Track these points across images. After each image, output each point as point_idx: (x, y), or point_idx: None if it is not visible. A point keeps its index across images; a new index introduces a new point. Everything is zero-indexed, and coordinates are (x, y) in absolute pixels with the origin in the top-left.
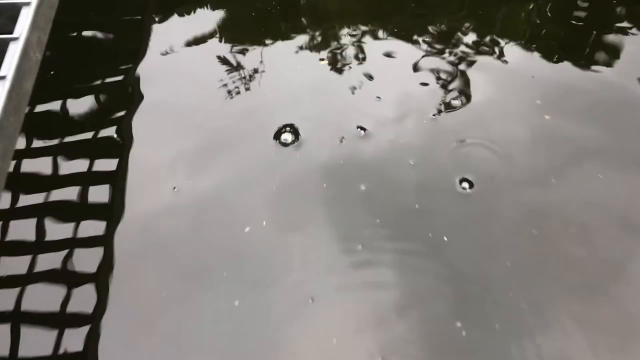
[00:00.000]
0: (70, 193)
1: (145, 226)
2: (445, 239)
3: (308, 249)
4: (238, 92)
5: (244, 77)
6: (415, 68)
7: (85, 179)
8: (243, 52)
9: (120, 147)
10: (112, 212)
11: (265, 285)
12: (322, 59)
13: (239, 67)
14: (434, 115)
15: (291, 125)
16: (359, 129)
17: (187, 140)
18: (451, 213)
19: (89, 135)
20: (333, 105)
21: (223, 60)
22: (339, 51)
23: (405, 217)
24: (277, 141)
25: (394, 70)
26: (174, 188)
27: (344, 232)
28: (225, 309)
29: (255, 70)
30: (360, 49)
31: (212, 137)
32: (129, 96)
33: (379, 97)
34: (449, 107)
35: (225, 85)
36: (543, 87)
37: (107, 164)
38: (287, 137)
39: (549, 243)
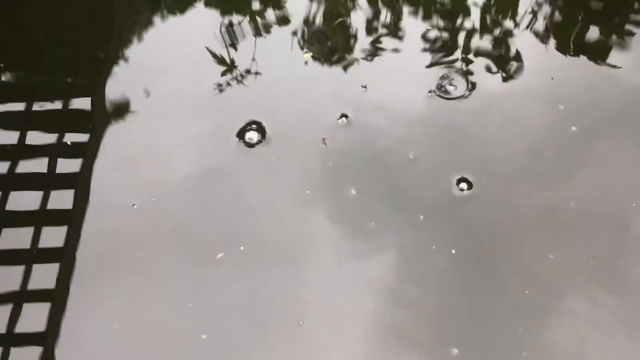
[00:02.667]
0: (30, 198)
1: (102, 249)
2: (454, 251)
3: (294, 273)
4: (202, 88)
5: (212, 70)
6: (411, 58)
7: (46, 183)
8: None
9: (83, 152)
10: (71, 224)
11: (241, 321)
12: (306, 52)
13: (209, 58)
14: (430, 93)
15: (257, 123)
16: (341, 119)
17: (147, 147)
18: (457, 222)
19: (52, 137)
20: (309, 99)
21: (191, 51)
22: (323, 42)
23: (405, 227)
24: (241, 141)
25: (387, 62)
26: (134, 205)
27: (334, 248)
28: (191, 343)
29: (232, 64)
30: (348, 37)
31: (171, 139)
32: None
33: (364, 87)
34: (445, 97)
35: (188, 79)
36: (564, 89)
37: (70, 168)
38: (252, 135)
39: (567, 273)
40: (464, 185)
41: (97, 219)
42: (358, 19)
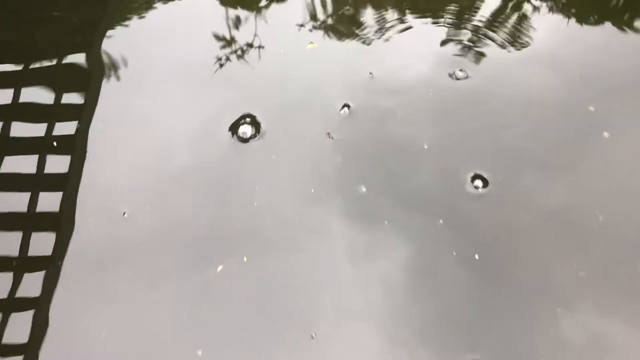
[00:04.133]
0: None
1: (91, 260)
2: (477, 257)
3: (302, 281)
4: (195, 79)
5: (211, 64)
6: (420, 44)
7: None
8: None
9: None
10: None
11: (245, 336)
12: (310, 43)
13: (204, 47)
14: (440, 80)
15: (251, 116)
16: (343, 110)
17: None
18: (477, 224)
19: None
20: (312, 89)
21: (189, 43)
22: (328, 32)
23: (421, 226)
24: (235, 135)
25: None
26: (124, 213)
27: (345, 252)
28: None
29: (227, 59)
30: (354, 24)
31: (161, 139)
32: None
33: (371, 74)
34: (456, 84)
35: (180, 71)
36: (595, 89)
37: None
38: (245, 130)
39: (597, 293)
40: (478, 183)
41: (85, 228)
42: (363, 5)
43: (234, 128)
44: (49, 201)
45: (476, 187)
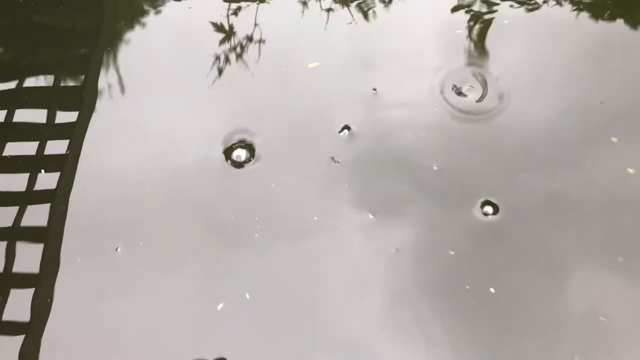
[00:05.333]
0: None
1: (81, 295)
2: (492, 290)
3: (309, 322)
4: (189, 101)
5: (206, 82)
6: (425, 58)
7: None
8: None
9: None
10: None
11: None
12: (312, 62)
13: (198, 65)
14: (447, 96)
15: (246, 141)
16: (342, 132)
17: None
18: (494, 254)
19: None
20: (312, 111)
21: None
22: (331, 50)
23: (432, 262)
24: (228, 160)
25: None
26: (117, 249)
27: (352, 284)
28: None
29: (224, 77)
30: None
31: (148, 164)
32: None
33: (374, 90)
34: (462, 101)
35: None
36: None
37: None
38: (239, 153)
39: (622, 340)
40: (488, 209)
41: (74, 263)
42: (366, 19)
43: (227, 152)
44: (37, 216)
45: (485, 214)
